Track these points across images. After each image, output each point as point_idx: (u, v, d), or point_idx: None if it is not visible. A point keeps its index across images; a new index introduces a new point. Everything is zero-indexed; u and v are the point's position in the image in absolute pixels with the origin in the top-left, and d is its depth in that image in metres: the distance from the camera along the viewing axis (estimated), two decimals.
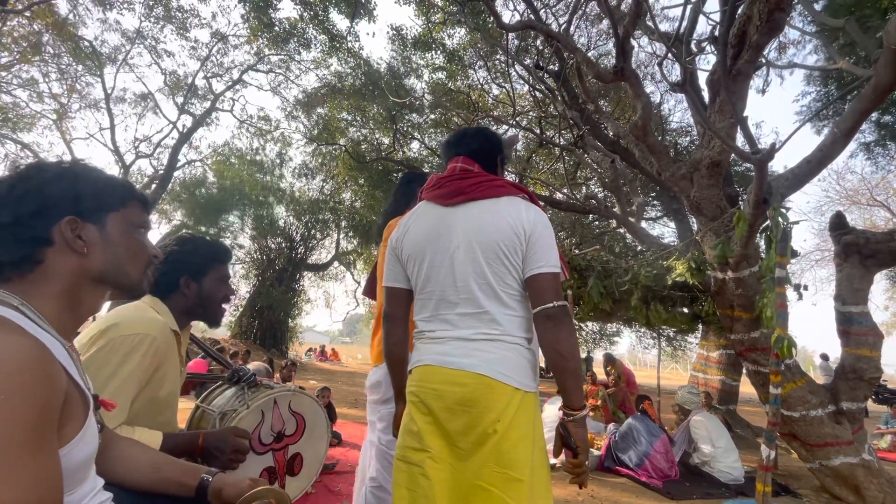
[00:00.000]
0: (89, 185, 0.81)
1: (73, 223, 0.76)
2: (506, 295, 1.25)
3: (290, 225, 16.96)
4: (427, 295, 1.33)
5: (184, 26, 12.70)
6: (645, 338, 13.42)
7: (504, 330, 1.24)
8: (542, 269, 1.23)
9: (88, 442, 0.74)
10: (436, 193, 1.39)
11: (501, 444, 1.16)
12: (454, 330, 1.27)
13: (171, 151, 14.97)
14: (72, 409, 0.69)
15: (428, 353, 1.29)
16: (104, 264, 0.80)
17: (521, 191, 1.36)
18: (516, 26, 5.25)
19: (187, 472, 1.01)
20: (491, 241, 1.25)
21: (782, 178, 3.76)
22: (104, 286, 0.81)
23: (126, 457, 0.98)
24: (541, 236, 1.26)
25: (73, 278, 0.77)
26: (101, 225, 0.81)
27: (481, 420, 1.18)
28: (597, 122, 7.61)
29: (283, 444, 1.57)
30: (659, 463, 4.00)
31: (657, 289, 4.65)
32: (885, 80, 3.08)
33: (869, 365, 3.74)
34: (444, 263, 1.30)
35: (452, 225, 1.32)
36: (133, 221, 0.86)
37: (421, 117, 12.17)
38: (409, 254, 1.37)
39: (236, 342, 14.31)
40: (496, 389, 1.19)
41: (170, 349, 1.32)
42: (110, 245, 0.81)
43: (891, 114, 8.23)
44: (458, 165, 1.42)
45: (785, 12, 3.70)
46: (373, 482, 1.83)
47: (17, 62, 11.84)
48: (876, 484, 3.54)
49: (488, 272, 1.25)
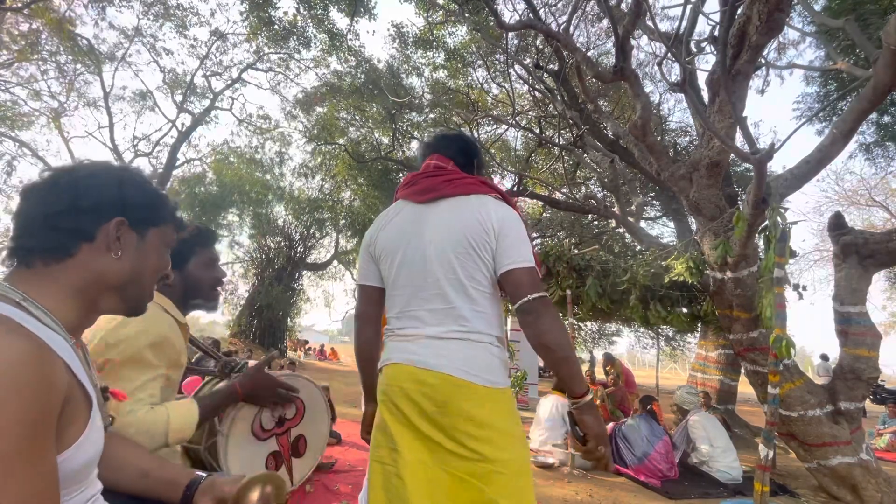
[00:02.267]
0: (147, 196, 0.83)
1: (120, 225, 0.78)
2: (475, 291, 1.24)
3: (289, 224, 16.97)
4: (398, 291, 1.32)
5: (182, 24, 12.68)
6: (644, 338, 13.45)
7: (472, 327, 1.23)
8: (514, 265, 1.21)
9: (92, 444, 0.72)
10: (409, 191, 1.39)
11: (475, 439, 1.16)
12: (424, 328, 1.26)
13: (170, 150, 14.96)
14: (73, 412, 0.68)
15: (397, 352, 1.28)
16: (129, 273, 0.80)
17: (492, 190, 1.35)
18: (516, 26, 5.25)
19: (178, 471, 0.99)
20: (460, 236, 1.25)
21: (781, 179, 3.77)
22: (118, 296, 0.81)
23: (115, 458, 0.95)
24: (510, 231, 1.25)
25: (96, 278, 0.77)
26: (142, 236, 0.83)
27: (452, 418, 1.17)
28: (596, 122, 7.62)
29: (286, 427, 1.57)
30: (658, 464, 4.01)
31: (656, 288, 4.65)
32: (884, 81, 3.08)
33: (867, 365, 3.75)
34: (415, 260, 1.29)
35: (424, 221, 1.32)
36: (166, 241, 0.88)
37: (420, 116, 12.16)
38: (381, 251, 1.37)
39: (235, 341, 14.32)
40: (464, 389, 1.18)
41: (179, 341, 1.32)
42: (141, 256, 0.82)
43: (890, 114, 8.24)
44: (433, 163, 1.42)
45: (784, 13, 3.70)
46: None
47: (15, 60, 11.81)
48: (874, 484, 3.54)
49: (458, 268, 1.24)
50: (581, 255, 4.99)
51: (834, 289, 4.01)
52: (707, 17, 5.00)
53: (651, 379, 14.06)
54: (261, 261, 16.98)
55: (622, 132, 5.65)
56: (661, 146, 4.66)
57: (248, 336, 15.54)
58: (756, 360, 3.93)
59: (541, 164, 11.63)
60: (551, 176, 11.74)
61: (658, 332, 10.19)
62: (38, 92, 12.98)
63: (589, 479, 3.89)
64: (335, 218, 16.28)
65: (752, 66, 4.09)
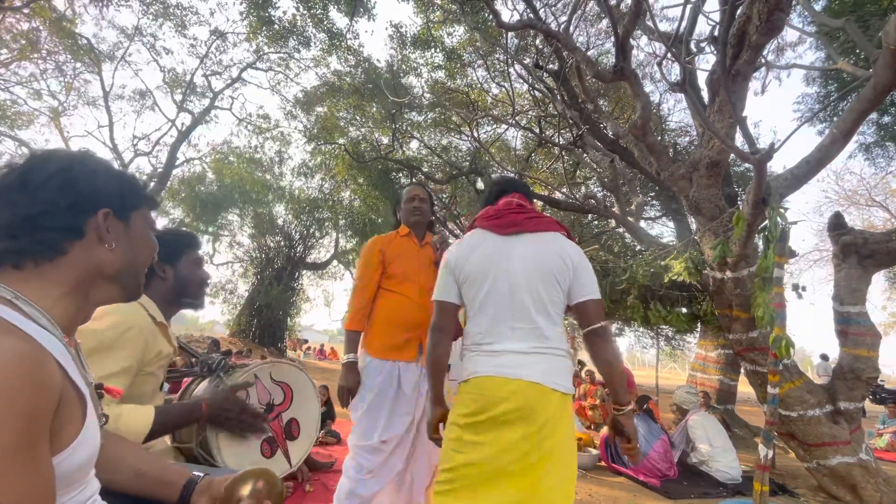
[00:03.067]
0: (122, 182, 0.80)
1: (107, 216, 0.76)
2: (555, 314, 1.51)
3: (289, 223, 16.96)
4: (484, 312, 1.52)
5: (182, 23, 12.67)
6: (644, 337, 13.44)
7: (552, 343, 1.48)
8: (588, 297, 1.52)
9: (89, 443, 0.71)
10: (493, 223, 1.62)
11: (551, 440, 1.39)
12: (508, 343, 1.48)
13: (169, 149, 14.94)
14: (68, 412, 0.66)
15: (485, 365, 1.48)
16: (124, 262, 0.79)
17: (563, 228, 1.63)
18: (516, 25, 5.24)
19: (175, 472, 0.98)
20: (546, 268, 1.51)
21: (781, 179, 3.76)
22: (116, 284, 0.80)
23: (110, 458, 0.94)
24: (585, 268, 1.55)
25: (90, 272, 0.75)
26: (127, 222, 0.81)
27: (536, 421, 1.39)
28: (596, 122, 7.61)
29: (276, 412, 1.59)
30: (657, 464, 4.01)
31: (656, 288, 4.65)
32: (883, 81, 3.08)
33: (867, 365, 3.75)
34: (502, 285, 1.51)
35: (509, 253, 1.55)
36: (149, 222, 0.86)
37: (420, 116, 12.16)
38: (467, 276, 1.57)
39: (235, 340, 14.32)
40: (548, 395, 1.42)
41: (155, 340, 1.33)
42: (131, 242, 0.81)
43: (890, 115, 8.24)
44: (515, 200, 1.67)
45: (784, 12, 3.70)
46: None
47: (14, 59, 11.80)
48: (873, 483, 3.55)
49: (543, 293, 1.49)
50: None
51: (833, 289, 4.01)
52: (707, 16, 5.00)
53: (651, 379, 14.06)
54: (260, 260, 16.97)
55: (622, 132, 5.65)
56: (661, 146, 4.66)
57: (247, 335, 15.54)
58: (755, 360, 3.94)
59: (540, 164, 11.63)
60: (551, 176, 11.73)
61: (658, 331, 10.19)
62: (38, 91, 12.98)
63: (589, 479, 3.89)
64: (335, 218, 16.26)
65: (752, 67, 4.09)
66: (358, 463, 1.94)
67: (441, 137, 12.72)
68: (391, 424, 1.95)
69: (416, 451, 2.03)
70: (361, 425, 1.97)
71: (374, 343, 2.03)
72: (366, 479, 1.92)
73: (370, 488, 1.93)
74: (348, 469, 1.96)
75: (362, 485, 1.92)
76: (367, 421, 1.96)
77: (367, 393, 1.96)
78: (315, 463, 3.33)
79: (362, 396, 1.98)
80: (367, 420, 1.96)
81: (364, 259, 2.13)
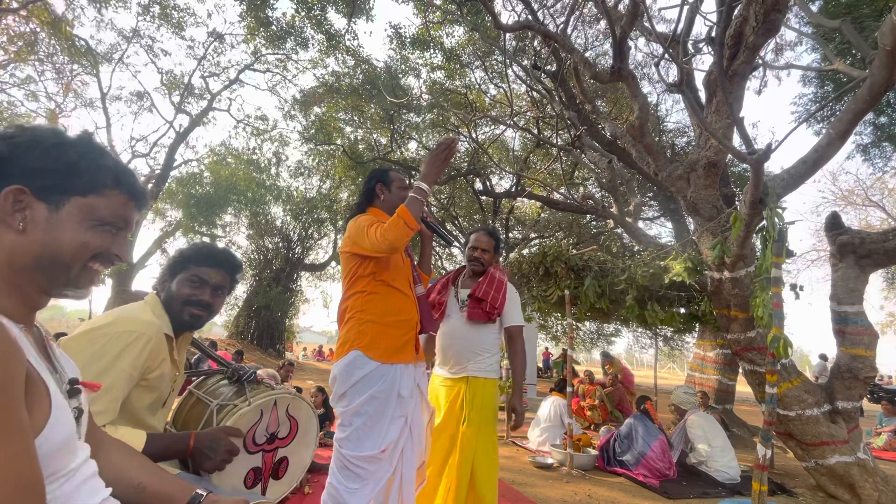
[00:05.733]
0: (62, 160, 0.71)
1: (18, 194, 0.68)
2: None
3: (287, 224, 16.93)
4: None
5: (180, 25, 12.66)
6: (642, 338, 13.47)
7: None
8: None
9: (62, 423, 0.67)
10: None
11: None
12: None
13: (167, 151, 14.92)
14: (34, 394, 0.63)
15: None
16: (40, 249, 0.69)
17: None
18: (514, 27, 5.25)
19: (178, 486, 0.95)
20: None
21: (778, 179, 3.77)
22: (44, 276, 0.71)
23: (112, 468, 0.90)
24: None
25: (6, 257, 0.68)
26: (55, 207, 0.71)
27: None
28: (594, 123, 7.63)
29: (274, 446, 1.56)
30: (656, 464, 4.01)
31: (654, 289, 4.65)
32: (880, 81, 3.09)
33: (864, 364, 3.76)
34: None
35: None
36: (101, 214, 0.75)
37: (419, 117, 12.17)
38: None
39: (233, 342, 14.28)
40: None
41: (161, 352, 1.29)
42: (54, 231, 0.70)
43: (886, 115, 8.27)
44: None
45: (781, 13, 3.72)
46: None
47: (12, 61, 11.77)
48: (871, 482, 3.56)
49: None
50: (579, 255, 4.99)
51: (831, 288, 4.02)
52: (704, 17, 5.02)
53: (649, 379, 14.04)
54: (258, 261, 16.93)
55: (620, 132, 5.66)
56: (659, 146, 4.67)
57: (245, 337, 15.50)
58: (754, 360, 3.94)
59: (539, 165, 11.65)
60: (549, 176, 11.75)
61: (656, 331, 10.20)
62: (34, 93, 12.95)
63: (587, 479, 3.89)
64: (333, 218, 16.25)
65: (750, 67, 4.10)
66: (352, 472, 1.79)
67: (439, 138, 12.74)
68: (389, 431, 1.84)
69: (405, 452, 1.93)
70: (359, 436, 1.81)
71: (377, 346, 1.86)
72: (358, 489, 1.78)
73: (362, 499, 1.78)
74: (338, 480, 1.80)
75: (354, 496, 1.77)
76: (366, 431, 1.81)
77: (370, 402, 1.81)
78: (314, 465, 3.32)
79: (363, 405, 1.81)
80: (366, 430, 1.81)
81: (367, 220, 1.91)
